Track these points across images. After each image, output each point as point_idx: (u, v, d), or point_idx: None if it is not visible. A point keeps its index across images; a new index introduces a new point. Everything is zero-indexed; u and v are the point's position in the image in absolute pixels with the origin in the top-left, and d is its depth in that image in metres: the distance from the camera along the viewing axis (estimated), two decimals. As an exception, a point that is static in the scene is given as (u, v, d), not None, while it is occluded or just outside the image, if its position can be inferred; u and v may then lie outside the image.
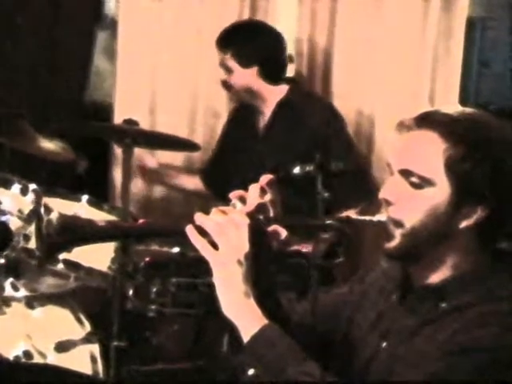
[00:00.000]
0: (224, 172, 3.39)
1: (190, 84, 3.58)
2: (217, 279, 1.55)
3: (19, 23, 3.47)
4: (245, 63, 3.22)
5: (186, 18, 3.54)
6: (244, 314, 1.55)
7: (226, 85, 3.30)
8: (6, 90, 3.36)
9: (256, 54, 3.23)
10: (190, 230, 1.56)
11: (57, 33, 3.56)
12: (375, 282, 1.77)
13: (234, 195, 1.69)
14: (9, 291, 2.70)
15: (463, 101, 3.57)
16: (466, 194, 1.54)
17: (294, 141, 3.18)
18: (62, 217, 1.50)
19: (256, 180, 1.70)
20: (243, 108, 3.43)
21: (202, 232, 1.56)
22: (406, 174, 1.58)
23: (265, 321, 1.55)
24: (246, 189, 1.69)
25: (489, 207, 1.55)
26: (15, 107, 3.24)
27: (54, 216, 1.47)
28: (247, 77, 3.23)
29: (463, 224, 1.56)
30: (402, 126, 1.61)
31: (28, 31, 3.49)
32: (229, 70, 3.24)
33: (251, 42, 3.26)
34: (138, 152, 3.25)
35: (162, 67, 3.56)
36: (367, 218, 1.63)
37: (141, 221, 1.63)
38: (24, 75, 3.51)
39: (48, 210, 1.56)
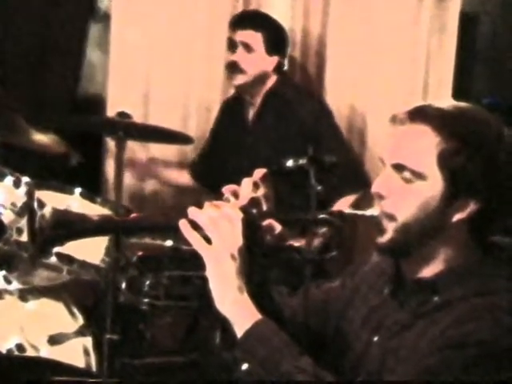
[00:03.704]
0: (215, 165, 3.39)
1: (183, 77, 3.57)
2: (210, 274, 1.54)
3: (12, 15, 3.46)
4: (271, 50, 3.22)
5: (178, 10, 3.53)
6: (237, 309, 1.55)
7: (234, 66, 3.24)
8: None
9: (283, 45, 3.27)
10: (183, 224, 1.56)
11: (50, 26, 3.55)
12: (367, 277, 1.77)
13: (226, 190, 1.68)
14: (1, 284, 2.69)
15: (456, 95, 3.57)
16: (458, 188, 1.54)
17: (283, 132, 3.18)
18: (55, 211, 1.49)
19: (248, 173, 1.69)
20: (233, 101, 3.41)
21: (195, 226, 1.55)
22: (398, 168, 1.58)
23: (258, 316, 1.55)
24: (238, 182, 1.68)
25: (481, 201, 1.55)
26: (8, 101, 3.23)
27: (46, 211, 1.47)
28: (267, 63, 3.22)
29: (455, 218, 1.56)
30: (395, 120, 1.60)
31: (21, 25, 3.48)
32: (249, 49, 3.20)
33: (284, 33, 3.30)
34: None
35: (155, 60, 3.56)
36: (360, 212, 1.63)
37: (133, 215, 1.62)
38: (16, 69, 3.50)
39: (41, 204, 1.55)
